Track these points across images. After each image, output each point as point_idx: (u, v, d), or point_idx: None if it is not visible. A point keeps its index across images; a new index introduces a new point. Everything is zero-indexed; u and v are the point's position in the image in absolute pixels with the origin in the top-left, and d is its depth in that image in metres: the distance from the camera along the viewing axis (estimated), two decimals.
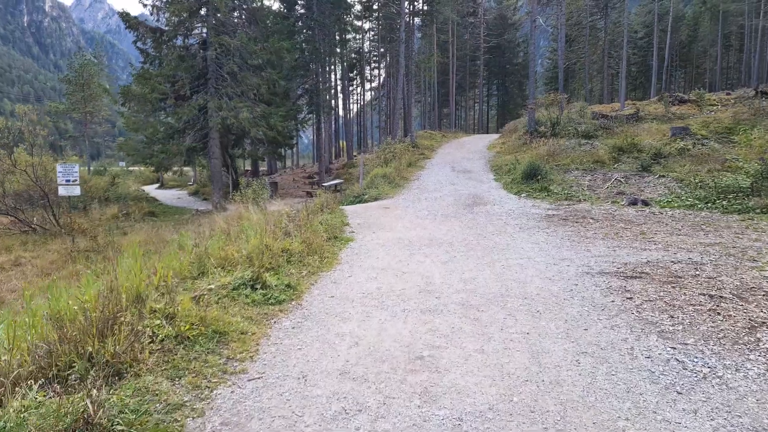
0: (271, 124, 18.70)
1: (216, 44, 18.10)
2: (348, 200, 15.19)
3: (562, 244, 7.96)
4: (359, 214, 11.47)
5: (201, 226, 12.75)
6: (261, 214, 12.28)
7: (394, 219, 10.82)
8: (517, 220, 10.32)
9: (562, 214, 10.85)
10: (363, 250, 7.74)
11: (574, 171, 17.31)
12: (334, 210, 11.12)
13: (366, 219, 10.83)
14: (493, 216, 10.85)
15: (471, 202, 12.95)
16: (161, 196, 28.58)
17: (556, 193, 13.99)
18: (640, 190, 14.47)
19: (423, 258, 7.17)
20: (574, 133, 22.56)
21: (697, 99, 27.46)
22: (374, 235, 9.09)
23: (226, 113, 17.52)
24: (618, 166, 17.51)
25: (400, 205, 13.02)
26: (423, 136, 32.33)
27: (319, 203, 11.19)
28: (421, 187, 16.06)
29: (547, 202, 13.03)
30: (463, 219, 10.58)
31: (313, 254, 6.90)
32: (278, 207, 16.80)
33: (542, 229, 9.24)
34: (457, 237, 8.68)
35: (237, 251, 6.05)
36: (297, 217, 10.06)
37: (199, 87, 19.17)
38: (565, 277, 6.01)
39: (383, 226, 9.92)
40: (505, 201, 13.10)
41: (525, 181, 15.39)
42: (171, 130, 19.79)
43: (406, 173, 18.87)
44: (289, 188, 27.26)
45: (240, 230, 8.71)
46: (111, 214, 19.52)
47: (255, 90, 18.40)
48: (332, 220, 9.93)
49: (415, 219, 10.77)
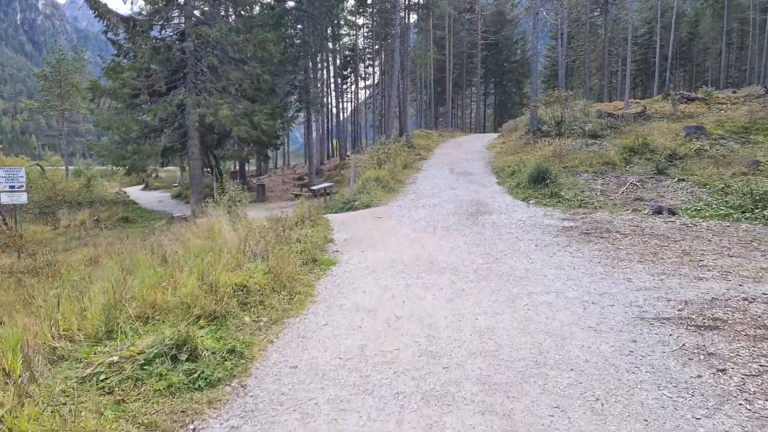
0: (254, 122, 17.02)
1: (194, 35, 16.40)
2: (336, 207, 13.57)
3: (592, 269, 6.38)
4: (347, 226, 9.86)
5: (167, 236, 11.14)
6: (233, 226, 10.67)
7: (388, 232, 9.21)
8: (531, 234, 8.75)
9: (582, 227, 9.29)
10: (347, 280, 6.13)
11: (584, 174, 15.80)
12: (318, 221, 9.50)
13: (354, 232, 9.22)
14: (502, 228, 9.27)
15: (474, 211, 11.37)
16: (143, 199, 26.84)
17: (568, 199, 12.44)
18: (660, 196, 12.94)
19: (422, 291, 5.57)
20: (580, 133, 21.07)
21: (706, 97, 26.02)
22: (363, 255, 7.48)
23: (204, 110, 15.83)
24: (630, 168, 16.03)
25: (394, 213, 11.41)
26: (419, 135, 30.77)
27: (299, 213, 9.56)
28: (418, 192, 14.46)
29: (559, 210, 11.47)
30: (468, 233, 8.99)
31: (280, 289, 5.28)
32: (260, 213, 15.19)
33: (563, 247, 7.67)
34: (462, 258, 7.08)
35: (172, 290, 4.43)
36: (276, 228, 8.46)
37: (177, 82, 17.46)
38: (614, 326, 4.43)
39: (374, 243, 8.32)
40: (513, 209, 11.53)
41: (532, 185, 13.84)
42: (147, 128, 18.09)
43: (402, 176, 17.27)
44: (278, 190, 25.58)
45: (198, 251, 7.10)
46: (80, 220, 17.80)
47: (237, 85, 16.72)
48: (314, 235, 8.31)
49: (411, 232, 9.17)
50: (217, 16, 18.58)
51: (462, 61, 47.12)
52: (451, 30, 41.51)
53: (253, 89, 18.28)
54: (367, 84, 54.16)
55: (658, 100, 30.55)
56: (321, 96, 24.85)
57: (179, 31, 17.70)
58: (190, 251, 7.11)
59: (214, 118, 15.87)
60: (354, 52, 44.99)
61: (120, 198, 23.38)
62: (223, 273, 5.02)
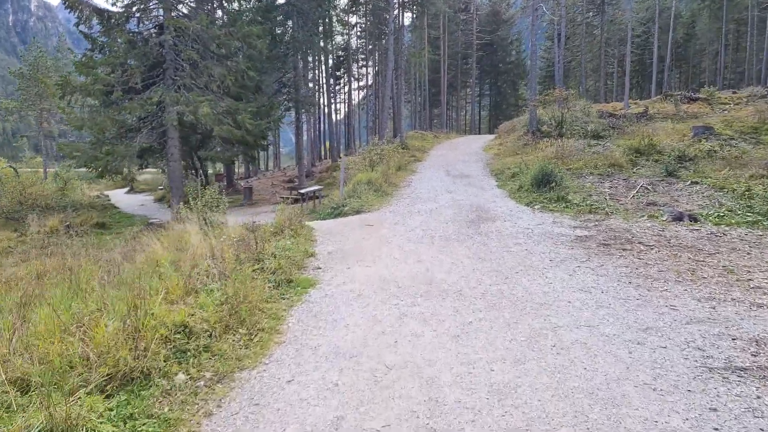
0: (238, 121, 15.78)
1: (172, 27, 15.15)
2: (324, 213, 12.38)
3: (625, 292, 5.24)
4: (334, 236, 8.66)
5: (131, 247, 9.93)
6: (206, 235, 9.44)
7: (379, 243, 8.02)
8: (542, 245, 7.60)
9: (598, 236, 8.16)
10: (327, 308, 4.93)
11: (589, 176, 14.72)
12: (300, 231, 8.30)
13: (341, 243, 8.03)
14: (508, 238, 8.11)
15: (475, 217, 10.21)
16: (124, 203, 25.44)
17: (577, 204, 11.31)
18: (675, 201, 11.85)
19: (420, 326, 4.39)
20: (582, 133, 20.04)
21: (708, 97, 25.12)
22: (349, 273, 6.29)
23: (183, 108, 14.58)
24: (638, 170, 14.97)
25: (387, 220, 10.23)
26: (413, 136, 29.65)
27: (279, 222, 8.36)
28: (413, 196, 13.29)
29: (568, 216, 10.34)
30: (470, 243, 7.83)
31: (237, 326, 4.08)
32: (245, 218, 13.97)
33: (582, 263, 6.52)
34: (466, 277, 5.91)
35: (81, 337, 3.22)
36: (248, 240, 7.27)
37: (156, 78, 16.19)
38: (676, 382, 3.27)
39: (363, 256, 7.13)
40: (517, 215, 10.39)
41: (536, 188, 12.72)
42: (124, 128, 16.80)
43: (395, 178, 16.10)
44: (266, 193, 24.32)
45: (150, 268, 5.90)
46: (51, 226, 16.46)
47: (219, 82, 15.48)
48: (293, 248, 7.11)
49: (406, 243, 7.99)
50: (201, 10, 17.36)
51: (457, 61, 46.06)
52: (446, 30, 40.44)
53: (237, 86, 17.04)
54: (360, 85, 53.03)
55: (657, 101, 29.66)
56: (311, 95, 23.66)
57: (158, 24, 16.44)
58: (139, 269, 5.89)
59: (193, 116, 14.62)
60: (347, 53, 43.82)
61: (98, 202, 22.02)
62: (161, 307, 3.81)
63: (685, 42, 45.84)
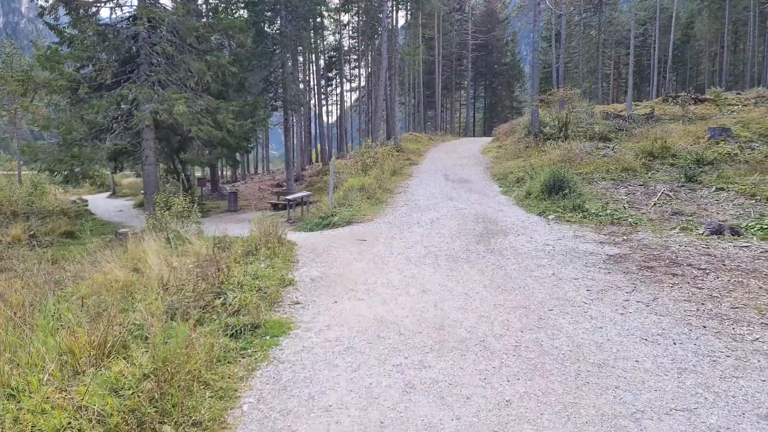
0: (219, 121, 14.31)
1: (145, 18, 13.66)
2: (311, 223, 10.94)
3: (705, 344, 3.87)
4: (319, 254, 7.23)
5: (83, 265, 8.44)
6: (173, 251, 8.05)
7: (374, 264, 6.61)
8: (571, 267, 6.23)
9: (634, 255, 6.81)
10: (301, 375, 3.50)
11: (601, 181, 13.45)
12: (279, 249, 6.86)
13: (328, 266, 6.60)
14: (527, 257, 6.74)
15: (483, 230, 8.84)
16: (102, 208, 23.79)
17: (596, 213, 9.98)
18: (702, 210, 10.57)
19: (436, 410, 2.98)
20: (587, 135, 18.81)
21: (715, 98, 24.04)
22: (335, 310, 4.87)
23: (156, 106, 13.08)
24: (653, 175, 13.73)
25: (382, 234, 8.82)
26: (408, 139, 28.35)
27: (253, 238, 6.92)
28: (411, 204, 11.90)
29: (588, 228, 9.01)
30: (483, 265, 6.44)
31: (160, 418, 2.64)
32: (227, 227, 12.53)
33: (630, 294, 5.16)
34: (488, 317, 4.52)
35: None
36: (211, 265, 5.83)
37: (130, 74, 14.68)
38: None
39: (354, 284, 5.71)
40: (531, 227, 9.04)
41: (547, 195, 11.38)
42: (95, 128, 15.26)
43: (390, 184, 14.71)
44: (253, 198, 22.82)
45: None
46: (14, 235, 14.86)
47: (197, 78, 14.01)
48: (267, 273, 5.68)
49: (406, 264, 6.58)
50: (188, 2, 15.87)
51: (451, 62, 44.81)
52: (441, 29, 39.19)
53: (219, 84, 15.56)
54: (352, 86, 51.68)
55: (658, 102, 28.58)
56: (300, 94, 22.25)
57: (131, 15, 14.93)
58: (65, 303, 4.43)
59: (168, 115, 13.13)
60: (339, 53, 42.42)
61: (73, 208, 20.40)
62: (38, 395, 2.37)
63: (683, 43, 44.98)
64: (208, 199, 21.70)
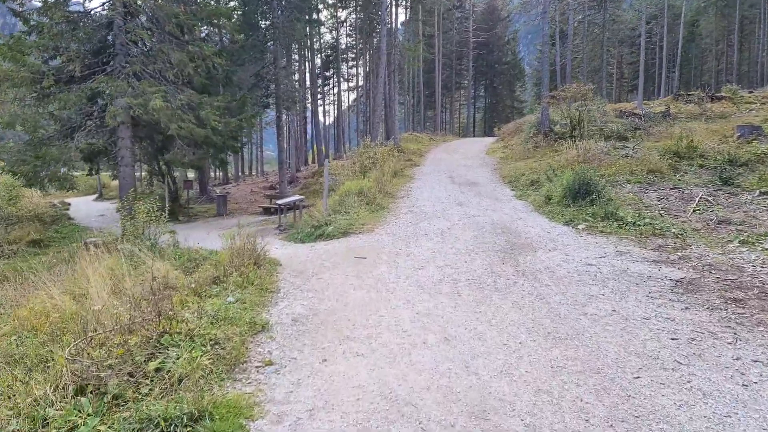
0: (202, 118, 12.79)
1: (119, 2, 12.13)
2: (303, 233, 9.42)
3: None
4: (307, 280, 5.71)
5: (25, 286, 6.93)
6: (132, 270, 6.54)
7: (375, 295, 5.10)
8: (634, 300, 4.74)
9: (702, 279, 5.33)
10: None
11: (626, 184, 12.00)
12: (255, 272, 5.33)
13: (316, 298, 5.08)
14: (572, 284, 5.25)
15: (505, 244, 7.34)
16: (84, 212, 22.19)
17: (633, 222, 8.51)
18: (751, 217, 9.11)
19: None
20: (602, 134, 17.38)
21: (732, 96, 22.68)
22: (323, 376, 3.36)
23: (129, 100, 11.54)
24: (682, 177, 12.28)
25: (385, 248, 7.31)
26: (408, 139, 26.88)
27: (223, 259, 5.39)
28: (416, 211, 10.39)
29: (629, 241, 7.53)
30: (517, 295, 4.95)
31: None
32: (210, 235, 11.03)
33: (735, 347, 3.69)
34: (549, 394, 3.03)
35: None
36: (164, 297, 4.33)
37: (105, 65, 13.15)
38: None
39: (350, 330, 4.20)
40: (561, 240, 7.55)
41: (571, 201, 9.91)
42: (66, 126, 13.74)
43: (391, 187, 13.20)
44: (244, 202, 21.27)
45: None
46: None
47: (177, 69, 12.49)
48: (234, 313, 4.16)
49: (417, 294, 5.08)
50: None
51: (451, 61, 43.32)
52: (441, 27, 37.73)
53: (203, 77, 14.02)
54: (350, 86, 50.16)
55: (669, 101, 27.18)
56: (294, 91, 20.73)
57: (105, 1, 13.38)
58: None
59: (142, 110, 11.59)
60: (336, 51, 40.91)
61: (49, 212, 18.87)
62: None
63: (687, 42, 43.64)
64: (197, 202, 20.14)
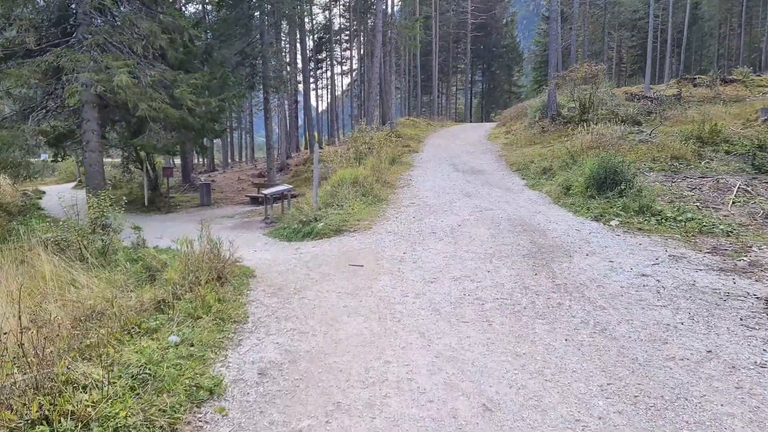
0: (176, 97, 11.26)
1: None
2: (289, 229, 8.04)
3: None
4: (286, 301, 4.35)
5: None
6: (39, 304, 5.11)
7: (377, 326, 3.77)
8: (727, 333, 3.46)
9: None
10: None
11: (649, 172, 10.70)
12: (212, 298, 3.95)
13: (296, 333, 3.74)
14: (634, 307, 3.95)
15: (531, 245, 6.01)
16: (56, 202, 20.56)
17: (673, 217, 7.21)
18: None
19: None
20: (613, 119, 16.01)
21: (743, 79, 21.42)
22: None
23: (90, 76, 9.99)
24: (708, 164, 10.99)
25: (385, 252, 5.96)
26: (405, 123, 25.38)
27: (171, 278, 4.00)
28: (418, 203, 9.02)
29: (676, 240, 6.25)
30: (568, 327, 3.64)
31: None
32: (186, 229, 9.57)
33: None
34: None
35: None
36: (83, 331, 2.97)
37: (68, 37, 11.52)
38: None
39: (342, 391, 2.87)
40: (596, 240, 6.24)
41: (596, 191, 8.59)
42: (27, 107, 12.18)
43: (390, 175, 11.80)
44: (231, 191, 19.75)
45: None
46: None
47: (146, 41, 10.92)
48: (168, 373, 2.79)
49: (432, 323, 3.75)
50: None
51: (448, 44, 41.50)
52: (438, 8, 35.92)
53: (180, 53, 12.42)
54: (344, 69, 48.26)
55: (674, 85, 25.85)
56: (283, 70, 19.10)
57: None
58: None
59: (104, 88, 10.04)
60: (329, 33, 38.95)
61: (16, 202, 17.28)
62: None
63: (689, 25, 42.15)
64: (179, 191, 18.60)
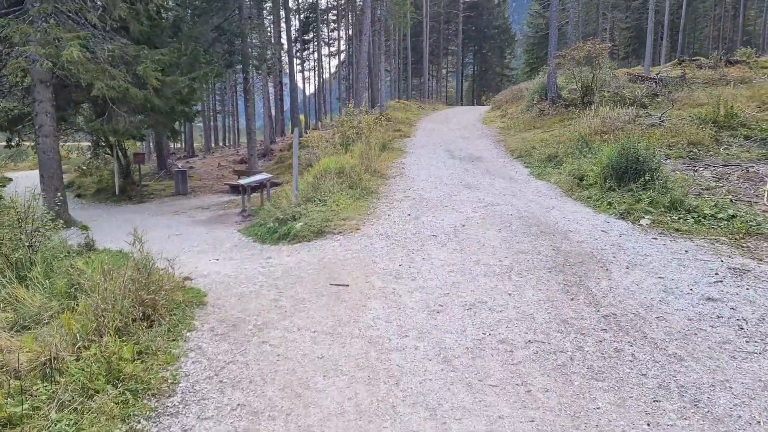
0: (140, 75, 9.82)
1: None
2: (263, 229, 6.79)
3: None
4: (242, 345, 3.17)
5: None
6: None
7: (365, 392, 2.61)
8: None
9: None
10: None
11: (666, 159, 9.59)
12: (131, 347, 2.75)
13: (246, 411, 2.57)
14: (718, 354, 2.86)
15: (553, 253, 4.87)
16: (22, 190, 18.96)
17: (713, 215, 6.11)
18: None
19: None
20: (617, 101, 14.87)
21: (747, 60, 20.37)
22: None
23: (36, 49, 8.52)
24: (728, 150, 9.94)
25: (377, 264, 4.77)
26: (395, 107, 23.99)
27: (71, 325, 2.76)
28: (413, 196, 7.80)
29: (726, 246, 5.18)
30: (640, 392, 2.54)
31: None
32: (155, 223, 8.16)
33: None
34: None
35: None
36: None
37: (17, 6, 9.94)
38: None
39: None
40: (632, 247, 5.12)
41: (615, 183, 7.44)
42: None
43: (380, 163, 10.53)
44: (210, 178, 18.31)
45: None
46: None
47: (103, 9, 9.43)
48: None
49: (445, 388, 2.61)
50: None
51: (439, 25, 39.79)
52: None
53: (145, 26, 10.88)
54: (331, 51, 46.29)
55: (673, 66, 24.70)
56: (263, 47, 17.53)
57: None
58: None
59: (54, 62, 8.57)
60: (316, 13, 36.98)
61: None
62: None
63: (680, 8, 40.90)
64: (154, 179, 17.12)
